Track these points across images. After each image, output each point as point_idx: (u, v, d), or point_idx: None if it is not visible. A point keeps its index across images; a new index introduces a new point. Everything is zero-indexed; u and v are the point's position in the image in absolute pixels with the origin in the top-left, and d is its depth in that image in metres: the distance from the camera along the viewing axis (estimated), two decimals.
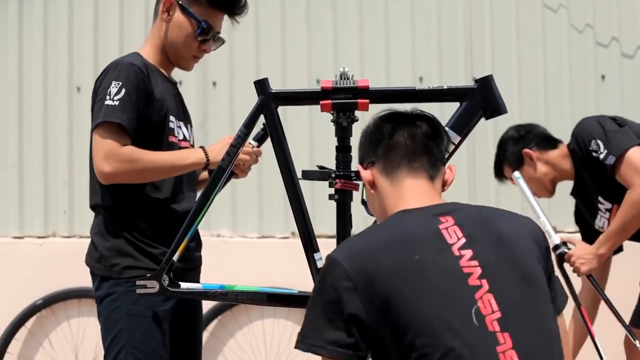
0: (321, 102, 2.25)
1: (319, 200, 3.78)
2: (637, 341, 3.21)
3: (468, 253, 1.73)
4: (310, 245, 2.26)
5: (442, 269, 1.71)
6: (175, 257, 2.28)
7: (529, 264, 1.78)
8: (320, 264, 2.24)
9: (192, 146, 2.63)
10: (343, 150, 2.35)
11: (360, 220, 3.85)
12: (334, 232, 2.35)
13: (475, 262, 1.72)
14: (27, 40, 4.74)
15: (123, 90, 2.38)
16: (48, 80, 4.71)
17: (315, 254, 2.25)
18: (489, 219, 1.82)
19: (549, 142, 3.48)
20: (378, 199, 1.92)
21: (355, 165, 2.37)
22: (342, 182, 2.33)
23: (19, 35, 4.74)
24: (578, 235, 3.55)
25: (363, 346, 1.70)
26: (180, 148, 2.55)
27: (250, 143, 2.56)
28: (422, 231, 1.76)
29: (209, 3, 2.59)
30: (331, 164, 2.41)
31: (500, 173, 3.57)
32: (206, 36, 2.59)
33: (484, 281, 1.71)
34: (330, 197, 2.36)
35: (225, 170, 2.28)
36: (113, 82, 2.40)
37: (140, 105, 2.42)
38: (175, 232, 2.37)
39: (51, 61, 4.71)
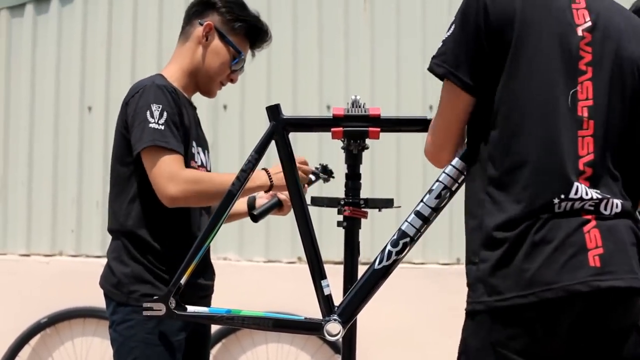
0: (332, 129, 2.25)
1: (327, 226, 3.77)
2: None
3: (588, 37, 1.84)
4: (318, 271, 2.24)
5: (565, 42, 1.82)
6: (182, 280, 2.28)
7: (630, 64, 1.87)
8: (327, 290, 2.23)
9: (208, 171, 2.60)
10: (353, 177, 2.35)
11: (368, 248, 3.87)
12: (341, 258, 2.35)
13: (589, 49, 1.83)
14: (39, 60, 4.78)
15: (165, 114, 2.37)
16: (60, 99, 4.74)
17: (322, 281, 2.24)
18: (616, 10, 1.91)
19: None
20: None
21: (364, 193, 2.38)
22: (351, 209, 2.33)
23: (32, 55, 4.78)
24: None
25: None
26: None
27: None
28: (558, 3, 1.86)
29: (245, 34, 2.60)
30: (340, 191, 2.42)
31: None
32: (238, 66, 2.60)
33: (590, 68, 1.83)
34: (339, 224, 2.36)
35: (235, 195, 2.27)
36: (153, 104, 2.37)
37: (178, 129, 2.42)
38: None
39: (63, 80, 4.75)
